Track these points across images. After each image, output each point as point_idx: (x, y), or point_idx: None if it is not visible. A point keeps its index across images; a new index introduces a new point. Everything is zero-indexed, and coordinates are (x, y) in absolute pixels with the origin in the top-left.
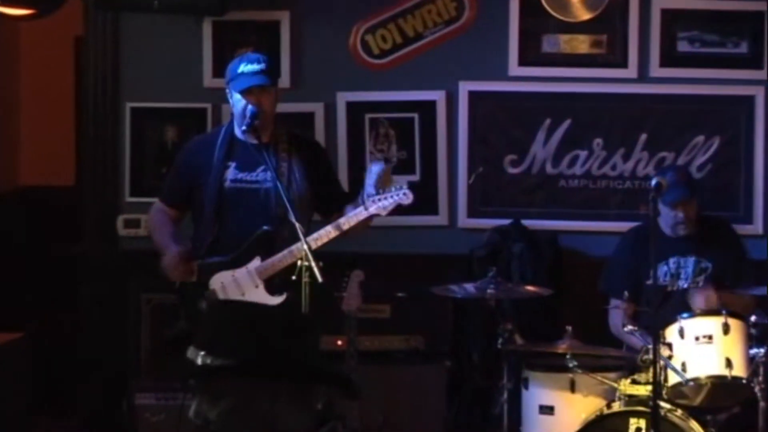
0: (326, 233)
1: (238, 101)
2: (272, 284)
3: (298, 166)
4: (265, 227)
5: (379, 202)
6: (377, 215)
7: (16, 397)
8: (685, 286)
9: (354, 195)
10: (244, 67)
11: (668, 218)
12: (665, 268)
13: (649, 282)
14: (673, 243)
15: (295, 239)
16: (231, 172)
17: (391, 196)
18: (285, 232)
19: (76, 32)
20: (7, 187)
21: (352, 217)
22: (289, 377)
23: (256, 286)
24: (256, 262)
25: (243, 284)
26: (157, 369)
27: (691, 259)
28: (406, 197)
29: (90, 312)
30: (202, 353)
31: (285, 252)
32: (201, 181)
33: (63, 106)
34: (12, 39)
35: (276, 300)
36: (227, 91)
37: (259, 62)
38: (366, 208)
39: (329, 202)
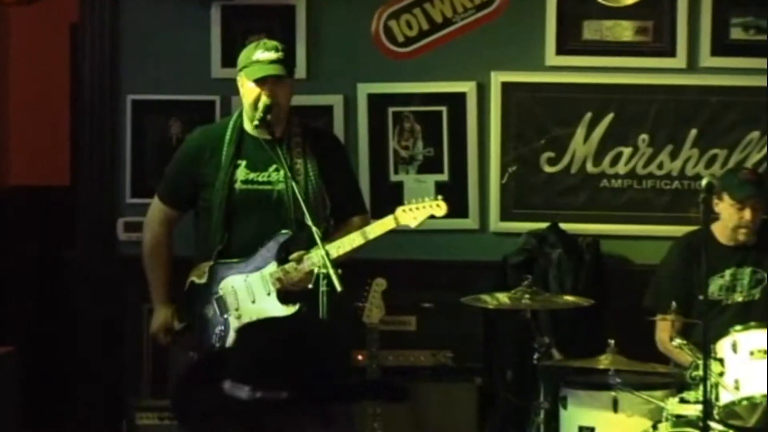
0: (349, 242)
1: (250, 91)
2: (285, 292)
3: (312, 162)
4: (283, 231)
5: (410, 213)
6: (407, 227)
7: (6, 415)
8: (740, 299)
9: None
10: (260, 55)
11: (731, 219)
12: (720, 281)
13: (702, 297)
14: (729, 253)
15: (313, 244)
16: (241, 172)
17: (424, 207)
18: (302, 237)
19: (72, 18)
20: None
21: (378, 227)
22: (339, 398)
23: (268, 294)
24: (271, 268)
25: (255, 290)
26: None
27: (747, 270)
28: (440, 209)
29: (86, 322)
30: (248, 387)
31: (304, 260)
32: (208, 181)
33: (57, 99)
34: (2, 26)
35: (287, 310)
36: (238, 79)
37: (276, 50)
38: (396, 219)
39: (342, 207)
